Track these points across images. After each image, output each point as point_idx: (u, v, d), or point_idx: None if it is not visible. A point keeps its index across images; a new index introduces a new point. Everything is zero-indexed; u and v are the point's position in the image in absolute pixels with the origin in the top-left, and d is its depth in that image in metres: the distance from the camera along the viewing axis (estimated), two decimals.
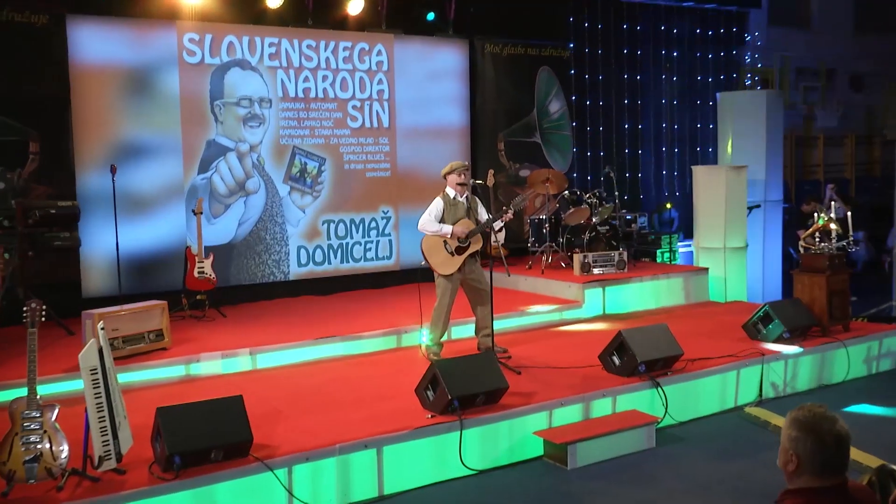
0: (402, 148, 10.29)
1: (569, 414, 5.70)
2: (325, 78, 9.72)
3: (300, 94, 9.56)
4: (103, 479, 4.33)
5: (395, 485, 4.99)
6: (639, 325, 8.02)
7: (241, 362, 6.80)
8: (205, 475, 4.41)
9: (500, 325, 7.90)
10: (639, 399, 6.01)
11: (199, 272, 8.28)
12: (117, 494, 4.20)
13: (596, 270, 9.12)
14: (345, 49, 9.80)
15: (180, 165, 8.91)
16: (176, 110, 8.84)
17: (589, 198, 9.83)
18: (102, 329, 4.63)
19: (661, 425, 5.93)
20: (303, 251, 9.67)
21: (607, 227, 9.66)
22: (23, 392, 4.34)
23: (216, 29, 9.02)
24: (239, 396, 4.72)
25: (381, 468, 4.95)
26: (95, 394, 4.34)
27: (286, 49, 9.43)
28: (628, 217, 11.08)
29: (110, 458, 4.35)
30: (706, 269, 9.67)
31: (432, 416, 5.28)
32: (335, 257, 9.87)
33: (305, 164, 9.65)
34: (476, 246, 6.72)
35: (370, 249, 10.09)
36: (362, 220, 10.02)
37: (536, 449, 5.50)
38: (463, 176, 6.82)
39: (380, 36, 10.06)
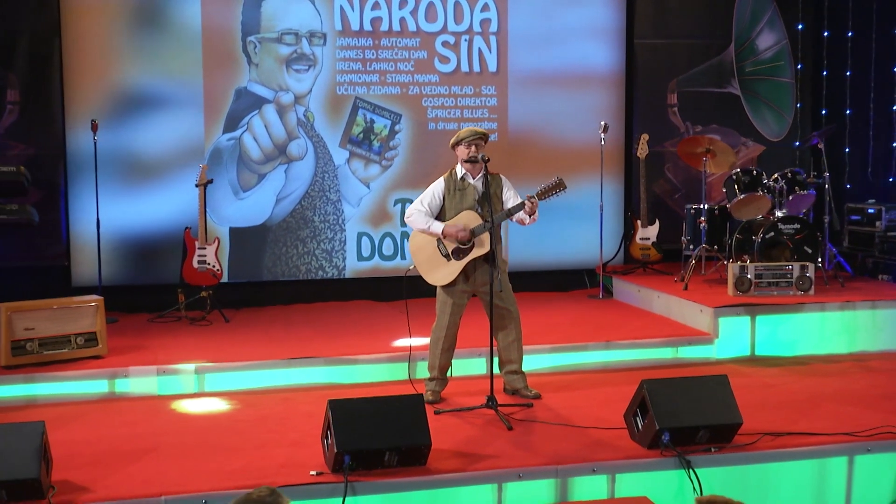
0: (516, 101, 10.51)
1: (533, 492, 5.72)
2: (403, 4, 10.18)
3: (367, 27, 10.11)
4: None
5: None
6: (804, 374, 7.98)
7: (183, 382, 7.51)
8: None
9: (570, 360, 8.07)
10: (658, 482, 5.84)
11: (199, 262, 9.15)
12: None
13: (759, 290, 8.80)
14: None
15: (201, 121, 9.83)
16: (196, 49, 9.76)
17: (775, 180, 9.45)
18: None
19: None
20: (365, 240, 10.25)
21: (797, 226, 9.23)
22: None
23: None
24: (39, 423, 5.37)
25: None
26: None
27: None
28: (870, 210, 10.48)
29: None
30: None
31: (318, 474, 5.61)
32: None
33: (372, 121, 10.20)
34: (480, 249, 6.84)
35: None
36: None
37: None
38: (473, 148, 6.95)
39: None
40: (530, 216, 6.88)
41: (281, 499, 2.93)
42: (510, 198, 7.04)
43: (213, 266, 9.18)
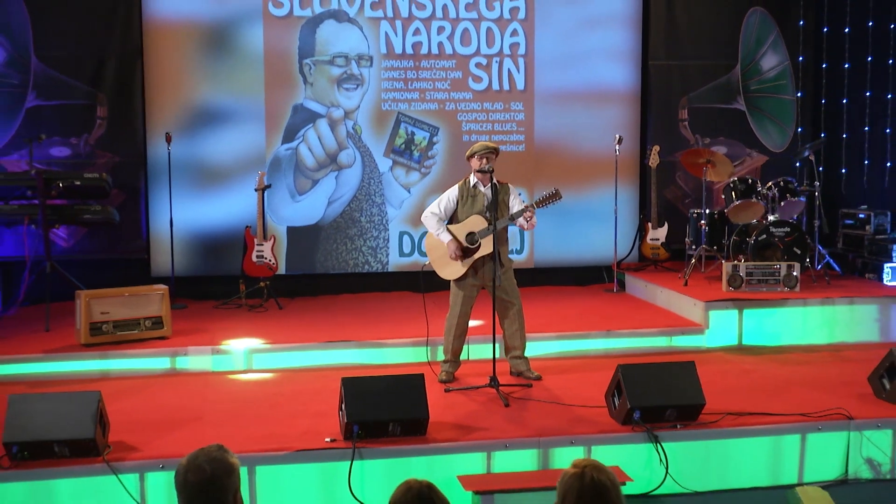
0: (541, 116, 10.81)
1: (518, 460, 6.06)
2: (440, 30, 10.56)
3: (408, 50, 10.51)
4: None
5: None
6: (782, 362, 8.18)
7: (234, 360, 7.99)
8: (47, 468, 5.64)
9: (574, 346, 8.38)
10: (630, 455, 6.10)
11: (257, 256, 9.64)
12: None
13: (750, 286, 9.01)
14: None
15: (262, 133, 10.32)
16: (259, 70, 10.25)
17: (768, 188, 9.65)
18: None
19: (657, 492, 6.06)
20: (406, 238, 10.66)
21: (787, 230, 9.42)
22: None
23: None
24: (95, 392, 5.87)
25: (255, 489, 5.84)
26: None
27: None
28: (861, 216, 10.61)
29: None
30: None
31: (331, 441, 6.03)
32: None
33: (413, 133, 10.60)
34: (485, 249, 7.19)
35: None
36: None
37: (464, 497, 6.00)
38: (484, 160, 7.28)
39: None
40: (528, 222, 7.20)
41: (227, 453, 3.32)
42: (515, 205, 7.36)
43: (270, 260, 9.65)
